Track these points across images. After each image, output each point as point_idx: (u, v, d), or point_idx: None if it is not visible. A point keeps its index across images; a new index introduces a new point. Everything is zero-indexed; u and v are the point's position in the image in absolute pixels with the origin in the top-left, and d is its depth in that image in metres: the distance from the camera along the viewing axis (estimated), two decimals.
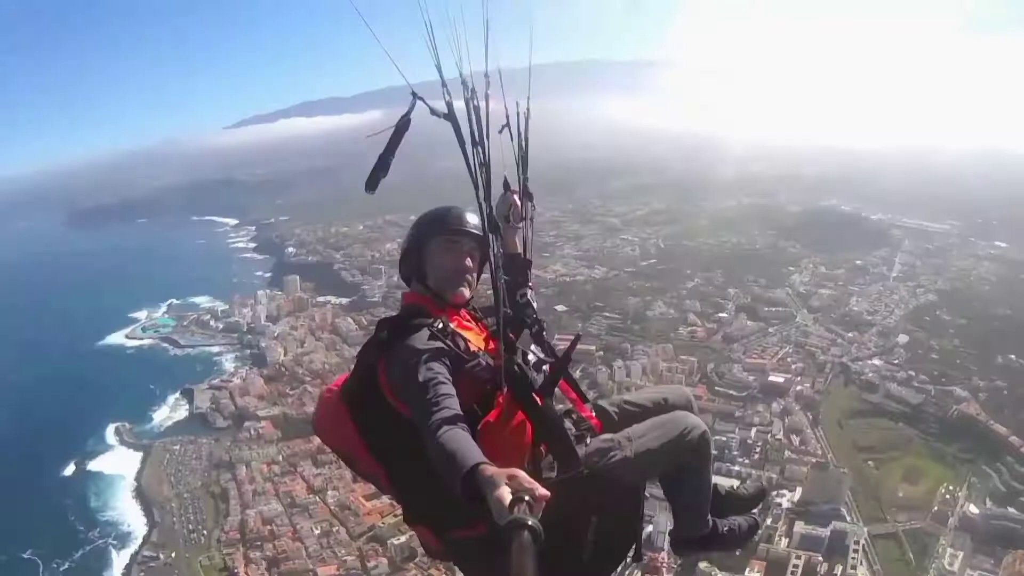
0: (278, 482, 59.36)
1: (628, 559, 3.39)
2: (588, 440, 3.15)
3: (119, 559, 54.45)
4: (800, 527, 45.00)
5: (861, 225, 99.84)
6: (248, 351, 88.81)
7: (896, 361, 65.52)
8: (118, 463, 69.13)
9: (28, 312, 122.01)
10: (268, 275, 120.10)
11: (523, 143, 3.47)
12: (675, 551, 3.70)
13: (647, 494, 3.39)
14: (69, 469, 68.76)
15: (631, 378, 64.56)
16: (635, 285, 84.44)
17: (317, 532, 51.18)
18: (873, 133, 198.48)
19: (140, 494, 62.24)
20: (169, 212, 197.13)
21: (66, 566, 54.27)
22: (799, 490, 49.16)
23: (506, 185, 3.64)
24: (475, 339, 3.04)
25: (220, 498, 58.36)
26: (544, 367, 3.10)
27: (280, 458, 63.27)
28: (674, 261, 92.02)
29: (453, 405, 2.51)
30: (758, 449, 54.28)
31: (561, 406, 3.25)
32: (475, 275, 3.25)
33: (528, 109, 3.42)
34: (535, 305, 3.48)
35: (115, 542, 56.87)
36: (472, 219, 3.17)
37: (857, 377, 63.42)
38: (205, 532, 54.41)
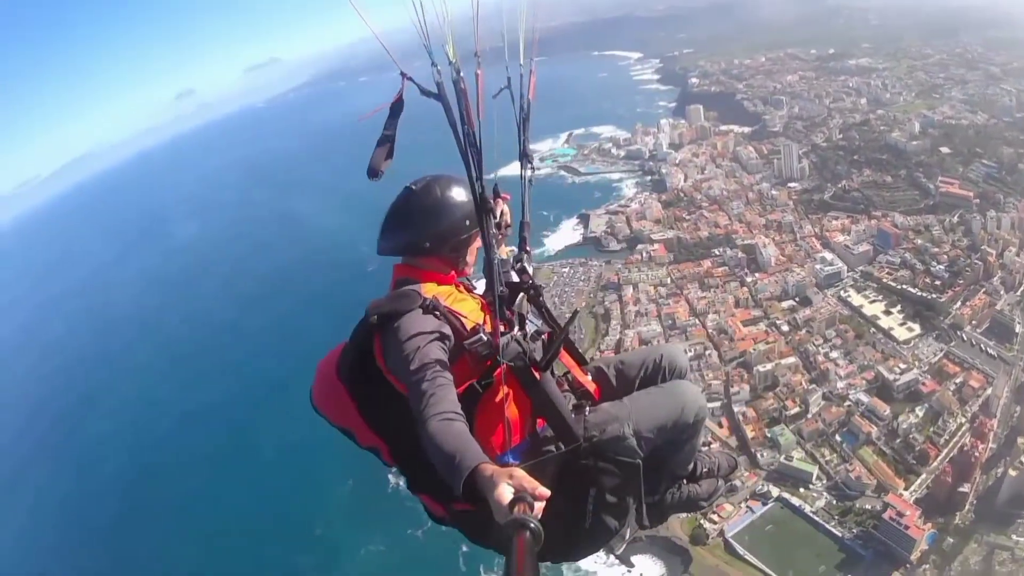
0: (662, 304, 63.22)
1: (630, 525, 3.26)
2: (587, 409, 3.13)
3: None
4: None
5: None
6: (648, 177, 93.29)
7: None
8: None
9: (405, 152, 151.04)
10: (672, 105, 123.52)
11: (525, 105, 3.37)
12: (648, 523, 3.32)
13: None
14: None
15: (1000, 230, 60.25)
16: (1010, 136, 77.15)
17: (690, 355, 54.31)
18: None
19: None
20: (568, 49, 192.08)
21: None
22: None
23: (495, 191, 3.46)
24: (472, 311, 3.00)
25: (602, 318, 63.72)
26: (542, 336, 3.04)
27: (668, 280, 66.69)
28: None
29: (448, 394, 2.45)
30: None
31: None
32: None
33: (532, 71, 3.29)
34: (531, 270, 3.46)
35: None
36: None
37: None
38: (581, 351, 64.61)
